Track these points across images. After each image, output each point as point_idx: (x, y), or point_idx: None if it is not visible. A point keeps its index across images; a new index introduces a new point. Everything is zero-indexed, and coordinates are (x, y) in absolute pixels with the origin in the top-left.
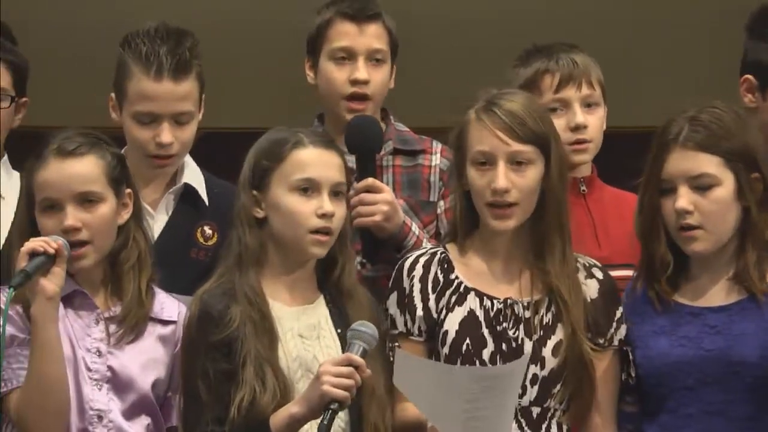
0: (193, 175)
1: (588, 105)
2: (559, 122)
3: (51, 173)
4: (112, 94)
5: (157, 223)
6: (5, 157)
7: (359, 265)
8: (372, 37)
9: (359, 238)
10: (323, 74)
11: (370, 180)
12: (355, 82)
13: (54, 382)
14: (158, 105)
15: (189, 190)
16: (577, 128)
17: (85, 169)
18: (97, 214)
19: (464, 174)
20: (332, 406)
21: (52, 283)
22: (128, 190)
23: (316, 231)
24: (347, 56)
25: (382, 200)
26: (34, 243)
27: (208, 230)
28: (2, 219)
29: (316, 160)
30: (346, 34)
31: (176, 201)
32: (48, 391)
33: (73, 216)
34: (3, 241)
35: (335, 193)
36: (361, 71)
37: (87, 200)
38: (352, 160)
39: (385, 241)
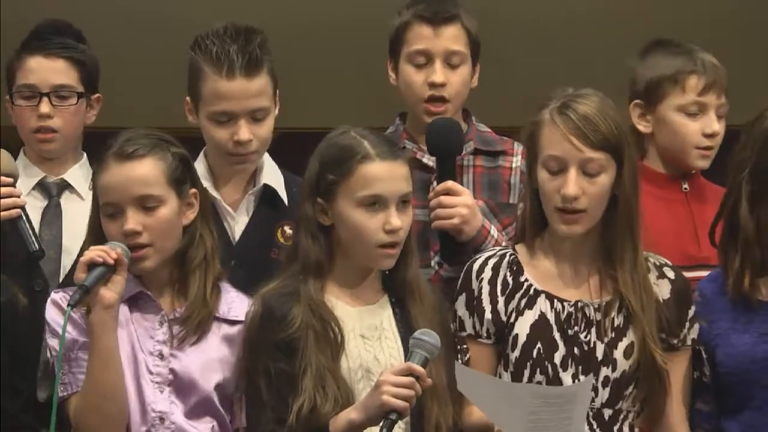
0: (272, 176)
1: (719, 115)
2: (693, 125)
3: (111, 177)
4: (187, 98)
5: (238, 224)
6: (84, 158)
7: (437, 265)
8: (448, 39)
9: (438, 239)
10: (402, 76)
11: (450, 183)
12: (432, 85)
13: (111, 389)
14: (233, 103)
15: (268, 191)
16: (712, 136)
17: (143, 172)
18: (157, 217)
19: (534, 174)
20: (391, 416)
21: (111, 291)
22: (193, 190)
23: (384, 245)
24: (424, 59)
25: (461, 203)
26: (93, 253)
27: (288, 230)
28: (83, 220)
29: (383, 175)
30: (422, 36)
31: (256, 202)
32: (105, 397)
33: (132, 220)
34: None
35: (402, 202)
36: (438, 74)
37: (147, 203)
38: (432, 158)
39: (463, 243)
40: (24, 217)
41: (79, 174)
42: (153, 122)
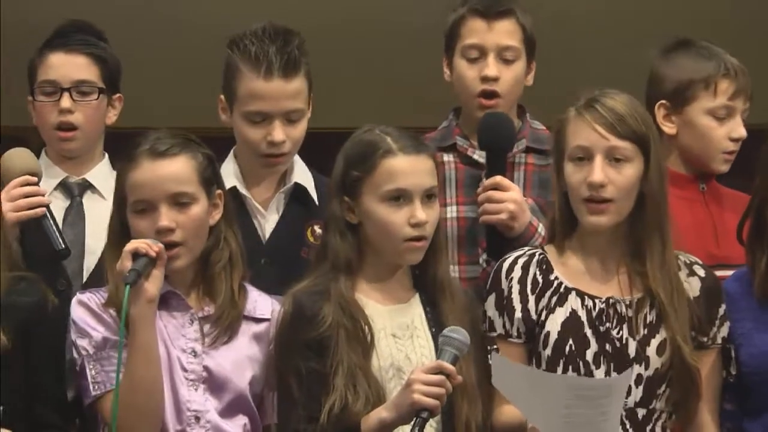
0: (302, 175)
1: (742, 119)
2: (721, 129)
3: (144, 174)
4: (221, 96)
5: (268, 222)
6: (106, 158)
7: (484, 262)
8: (502, 33)
9: (485, 235)
10: (456, 72)
11: (498, 177)
12: (484, 79)
13: (151, 385)
14: (269, 104)
15: (299, 190)
16: (738, 140)
17: (177, 169)
18: (190, 215)
19: (562, 173)
20: (422, 415)
21: (152, 285)
22: (218, 191)
23: (410, 239)
24: (478, 53)
25: (510, 199)
26: (137, 243)
27: (318, 229)
28: (105, 219)
29: (406, 169)
30: (476, 31)
31: (287, 200)
32: (144, 394)
33: (166, 217)
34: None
35: (428, 196)
36: (490, 68)
37: (180, 201)
38: (482, 155)
39: (510, 239)
40: (49, 216)
41: (101, 174)
42: (168, 123)
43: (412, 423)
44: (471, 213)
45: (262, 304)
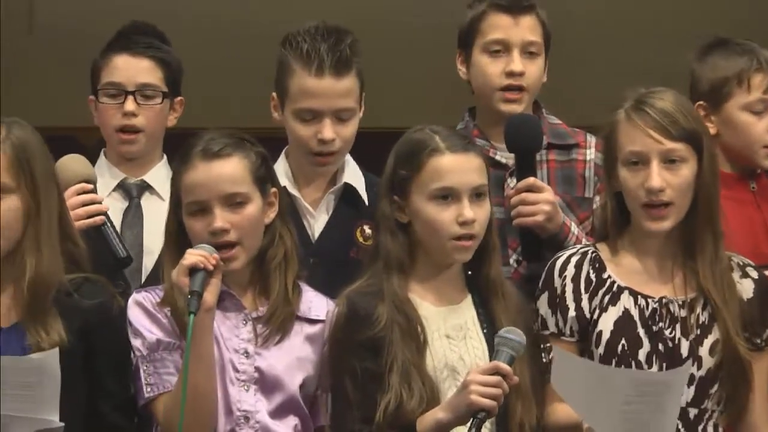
0: (353, 175)
1: None
2: (761, 124)
3: (197, 175)
4: (273, 93)
5: (318, 222)
6: (165, 159)
7: (516, 262)
8: (526, 28)
9: (519, 237)
10: (477, 67)
11: (531, 179)
12: (510, 74)
13: (207, 391)
14: (320, 101)
15: (349, 190)
16: None
17: (231, 170)
18: (245, 215)
19: (614, 175)
20: (479, 416)
21: (210, 294)
22: (273, 189)
23: (458, 237)
24: (502, 48)
25: (544, 200)
26: (194, 258)
27: (367, 230)
28: (163, 220)
29: (453, 167)
30: (500, 26)
31: (336, 201)
32: (201, 399)
33: (221, 218)
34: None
35: (477, 195)
36: (517, 63)
37: (234, 201)
38: (504, 155)
39: (545, 240)
40: (109, 223)
41: (159, 175)
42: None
43: (469, 424)
44: (497, 214)
45: (317, 305)
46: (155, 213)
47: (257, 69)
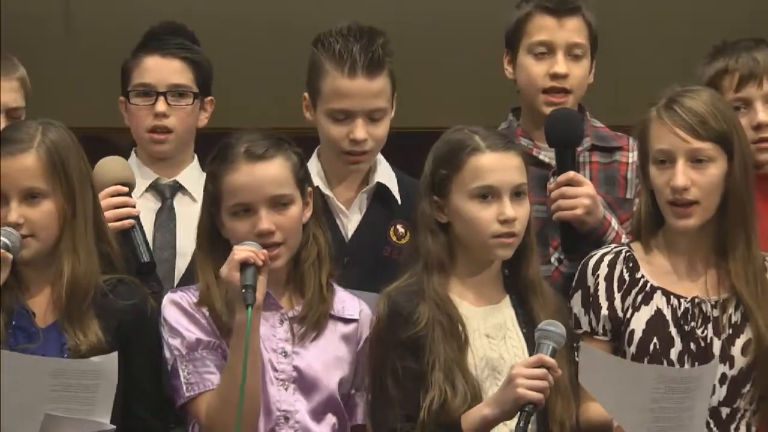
0: (385, 174)
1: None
2: (743, 121)
3: (242, 177)
4: (305, 94)
5: (351, 222)
6: (196, 160)
7: (556, 261)
8: (571, 30)
9: (558, 232)
10: (522, 68)
11: (572, 173)
12: (554, 76)
13: (253, 390)
14: (352, 102)
15: (382, 189)
16: (759, 127)
17: (276, 172)
18: (289, 216)
19: (647, 173)
20: (526, 409)
21: (259, 292)
22: (309, 189)
23: (499, 236)
24: (546, 50)
25: (584, 194)
26: (245, 253)
27: (401, 229)
28: (196, 221)
29: (494, 166)
30: (545, 27)
31: (369, 200)
32: (248, 398)
33: (267, 220)
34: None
35: (516, 194)
36: (561, 65)
37: (279, 203)
38: (548, 155)
39: (585, 235)
40: (137, 228)
41: (191, 176)
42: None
43: (518, 417)
44: (540, 213)
45: (350, 304)
46: (188, 214)
47: (288, 69)
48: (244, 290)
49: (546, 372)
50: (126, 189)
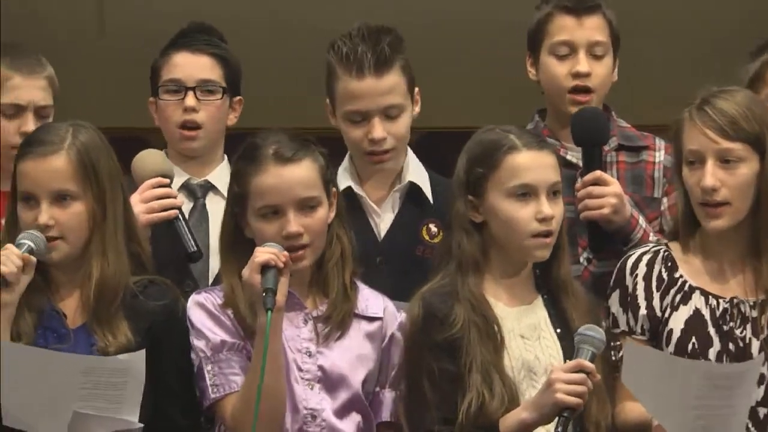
0: (417, 173)
1: None
2: None
3: (271, 180)
4: (327, 100)
5: (383, 221)
6: (226, 160)
7: (585, 261)
8: (592, 29)
9: (586, 232)
10: (545, 69)
11: (598, 172)
12: (576, 75)
13: (276, 391)
14: (364, 102)
15: (414, 188)
16: None
17: (304, 174)
18: (316, 218)
19: (682, 173)
20: (565, 414)
21: (280, 294)
22: (334, 189)
23: (537, 235)
24: (568, 50)
25: (611, 193)
26: (267, 256)
27: (433, 228)
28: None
29: (531, 164)
30: (565, 27)
31: (402, 199)
32: (271, 399)
33: (295, 222)
34: None
35: (553, 192)
36: (582, 64)
37: (308, 205)
38: (575, 155)
39: (612, 234)
40: (181, 218)
41: (222, 175)
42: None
43: (556, 422)
44: (569, 213)
45: (373, 302)
46: (219, 213)
47: (312, 69)
48: (264, 294)
49: (585, 377)
50: (167, 181)
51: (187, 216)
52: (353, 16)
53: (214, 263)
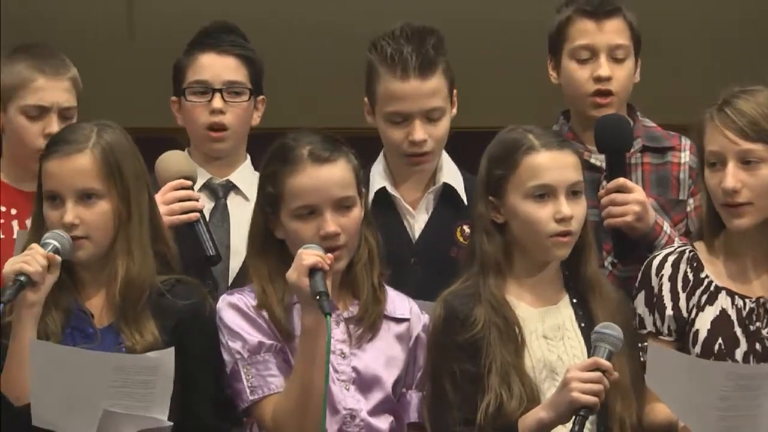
0: (451, 174)
1: None
2: None
3: (308, 180)
4: (365, 99)
5: (418, 222)
6: (248, 159)
7: (609, 265)
8: (612, 32)
9: (610, 238)
10: (566, 73)
11: (621, 180)
12: (598, 80)
13: (318, 392)
14: (407, 104)
15: (448, 190)
16: None
17: (340, 174)
18: (352, 218)
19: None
20: (581, 413)
21: None
22: (363, 190)
23: (556, 234)
24: (589, 54)
25: (634, 200)
26: (315, 258)
27: (467, 229)
28: (249, 221)
29: (549, 164)
30: (586, 31)
31: (436, 200)
32: (312, 400)
33: (333, 222)
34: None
35: (573, 192)
36: (604, 68)
37: (344, 205)
38: (598, 158)
39: (636, 240)
40: (202, 221)
41: (244, 175)
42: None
43: (572, 421)
44: (592, 216)
45: (399, 304)
46: (241, 213)
47: (342, 69)
48: (318, 297)
49: (601, 375)
50: (190, 183)
51: (208, 216)
52: (383, 16)
53: (234, 263)
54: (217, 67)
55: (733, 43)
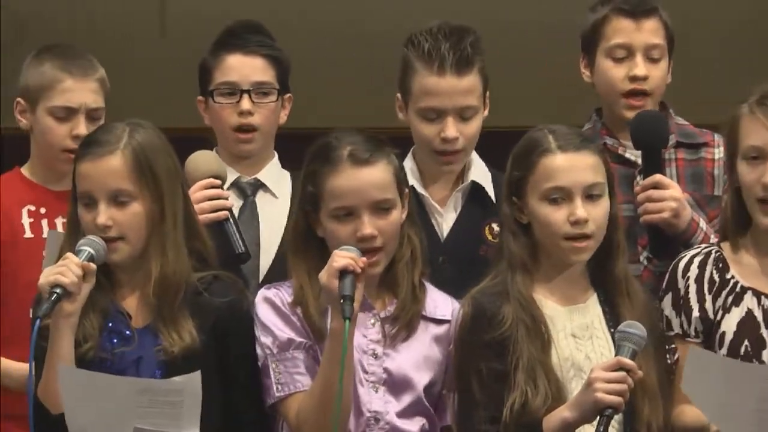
0: (480, 173)
1: None
2: None
3: (347, 181)
4: (398, 94)
5: (446, 221)
6: (276, 157)
7: (645, 260)
8: (649, 32)
9: (647, 234)
10: (600, 72)
11: (658, 176)
12: (633, 79)
13: (346, 396)
14: (442, 100)
15: (476, 188)
16: None
17: (380, 176)
18: (390, 221)
19: (735, 170)
20: (606, 413)
21: (356, 301)
22: (406, 190)
23: (572, 237)
24: (626, 53)
25: (670, 197)
26: (345, 261)
27: (496, 227)
28: (278, 219)
29: (563, 166)
30: (623, 30)
31: (464, 199)
32: (334, 402)
33: (370, 225)
34: (281, 241)
35: (590, 195)
36: (640, 67)
37: (382, 207)
38: (633, 153)
39: (673, 237)
40: (231, 220)
41: (272, 173)
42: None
43: (597, 421)
44: (627, 212)
45: (442, 304)
46: (269, 211)
47: (371, 69)
48: (342, 300)
49: (625, 375)
50: (219, 182)
51: (237, 214)
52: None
53: (264, 261)
54: (245, 68)
55: (743, 43)
